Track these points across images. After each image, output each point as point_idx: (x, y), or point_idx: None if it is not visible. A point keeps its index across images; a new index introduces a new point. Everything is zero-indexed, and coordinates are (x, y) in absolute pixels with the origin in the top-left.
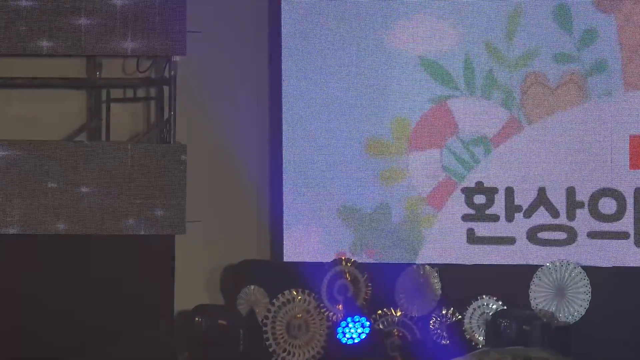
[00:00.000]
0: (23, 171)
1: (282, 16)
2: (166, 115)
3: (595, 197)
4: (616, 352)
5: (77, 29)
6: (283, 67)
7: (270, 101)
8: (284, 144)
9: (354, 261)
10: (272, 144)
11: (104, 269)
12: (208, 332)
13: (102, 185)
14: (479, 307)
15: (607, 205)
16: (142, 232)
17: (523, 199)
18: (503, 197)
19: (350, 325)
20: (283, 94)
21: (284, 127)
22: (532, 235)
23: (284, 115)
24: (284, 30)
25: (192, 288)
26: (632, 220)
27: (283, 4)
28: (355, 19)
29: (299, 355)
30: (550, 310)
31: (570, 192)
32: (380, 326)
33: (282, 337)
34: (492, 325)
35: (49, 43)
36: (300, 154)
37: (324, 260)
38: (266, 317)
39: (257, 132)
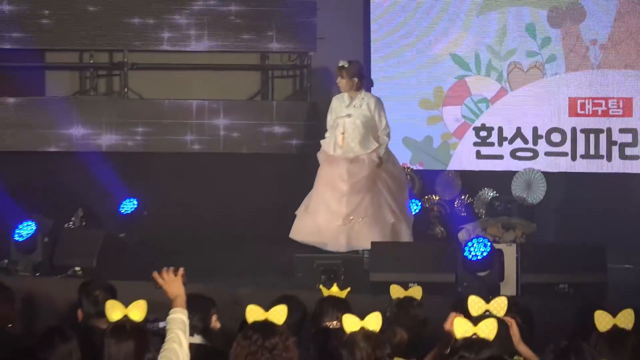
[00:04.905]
0: (221, 116)
1: (372, 35)
2: (305, 86)
3: (549, 132)
4: (554, 221)
5: (262, 39)
6: (372, 63)
7: None
8: None
9: (412, 169)
10: None
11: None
12: None
13: (276, 123)
14: (482, 194)
15: (556, 136)
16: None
17: (508, 133)
18: (496, 132)
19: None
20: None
21: None
22: (513, 154)
23: None
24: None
25: None
26: (569, 146)
27: (372, 30)
28: (420, 25)
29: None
30: (523, 196)
31: (535, 129)
32: (427, 205)
33: None
34: (490, 205)
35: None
36: None
37: None
38: None
39: None
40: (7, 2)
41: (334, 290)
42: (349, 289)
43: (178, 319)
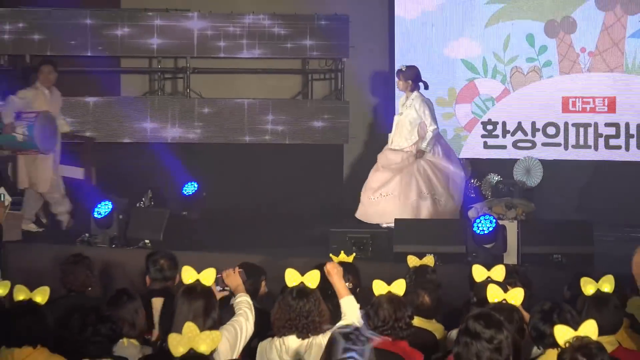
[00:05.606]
0: (269, 112)
1: (396, 46)
2: (339, 87)
3: (545, 126)
4: (550, 201)
5: (303, 47)
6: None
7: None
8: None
9: None
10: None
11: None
12: None
13: (315, 118)
14: (489, 178)
15: (551, 129)
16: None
17: (511, 127)
18: (501, 126)
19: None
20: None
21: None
22: (515, 144)
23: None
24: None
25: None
26: (562, 138)
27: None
28: (437, 35)
29: None
30: (523, 180)
31: (533, 124)
32: None
33: None
34: (495, 187)
35: (288, 53)
36: None
37: None
38: None
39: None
40: (89, 16)
41: (342, 256)
42: (354, 254)
43: (244, 301)
